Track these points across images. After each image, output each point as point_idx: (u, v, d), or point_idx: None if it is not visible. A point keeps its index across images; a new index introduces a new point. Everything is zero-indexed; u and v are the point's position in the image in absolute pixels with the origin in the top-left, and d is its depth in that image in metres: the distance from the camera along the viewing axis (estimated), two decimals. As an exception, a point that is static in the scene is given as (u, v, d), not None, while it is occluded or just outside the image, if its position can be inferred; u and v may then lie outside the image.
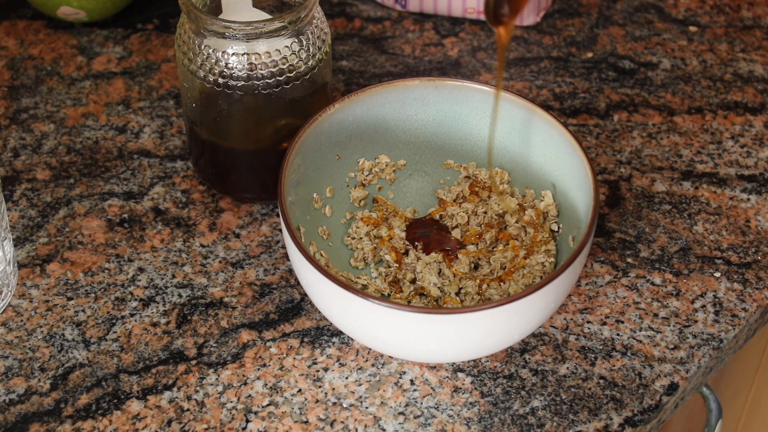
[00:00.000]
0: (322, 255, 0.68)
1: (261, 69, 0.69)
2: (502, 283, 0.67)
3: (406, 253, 0.70)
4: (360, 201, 0.72)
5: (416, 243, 0.70)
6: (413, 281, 0.69)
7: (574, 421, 0.64)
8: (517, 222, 0.70)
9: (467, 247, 0.70)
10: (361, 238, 0.71)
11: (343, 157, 0.72)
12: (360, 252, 0.70)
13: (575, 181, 0.67)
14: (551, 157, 0.69)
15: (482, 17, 0.89)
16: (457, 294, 0.68)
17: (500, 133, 0.71)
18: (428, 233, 0.71)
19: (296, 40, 0.69)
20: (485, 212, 0.71)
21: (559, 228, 0.70)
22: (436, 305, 0.67)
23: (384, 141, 0.72)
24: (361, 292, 0.59)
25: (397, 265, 0.69)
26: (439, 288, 0.67)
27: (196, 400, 0.64)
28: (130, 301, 0.69)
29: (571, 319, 0.69)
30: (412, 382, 0.66)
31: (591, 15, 0.91)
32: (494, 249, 0.70)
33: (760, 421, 0.99)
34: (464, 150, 0.73)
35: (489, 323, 0.60)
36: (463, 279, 0.68)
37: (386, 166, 0.73)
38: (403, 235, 0.71)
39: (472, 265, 0.69)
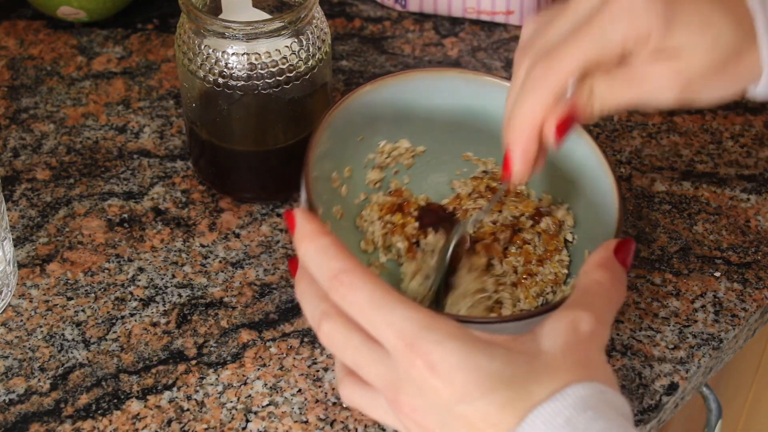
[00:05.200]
0: None
1: (261, 69, 0.69)
2: (513, 287, 0.67)
3: (417, 243, 0.69)
4: (375, 183, 0.71)
5: (428, 229, 0.70)
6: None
7: (574, 421, 0.63)
8: (532, 226, 0.69)
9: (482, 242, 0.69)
10: (373, 221, 0.70)
11: (365, 139, 0.70)
12: (371, 235, 0.70)
13: (598, 196, 0.65)
14: (575, 166, 0.68)
15: (482, 17, 0.89)
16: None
17: None
18: (440, 227, 0.70)
19: (296, 40, 0.69)
20: (500, 212, 0.70)
21: (573, 238, 0.68)
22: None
23: (407, 126, 0.71)
24: None
25: (410, 254, 0.69)
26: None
27: (196, 400, 0.64)
28: (130, 301, 0.69)
29: (571, 319, 0.69)
30: (412, 382, 0.65)
31: (591, 15, 0.91)
32: (507, 251, 0.69)
33: (760, 421, 0.99)
34: (485, 145, 0.71)
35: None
36: (479, 277, 0.67)
37: (405, 150, 0.72)
38: (417, 224, 0.70)
39: (487, 260, 0.68)
